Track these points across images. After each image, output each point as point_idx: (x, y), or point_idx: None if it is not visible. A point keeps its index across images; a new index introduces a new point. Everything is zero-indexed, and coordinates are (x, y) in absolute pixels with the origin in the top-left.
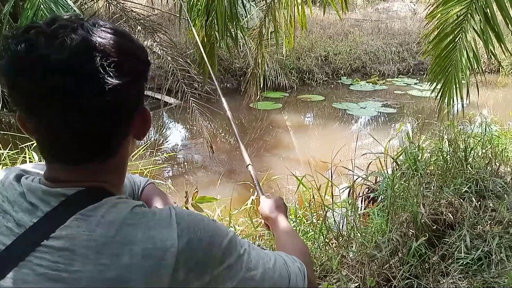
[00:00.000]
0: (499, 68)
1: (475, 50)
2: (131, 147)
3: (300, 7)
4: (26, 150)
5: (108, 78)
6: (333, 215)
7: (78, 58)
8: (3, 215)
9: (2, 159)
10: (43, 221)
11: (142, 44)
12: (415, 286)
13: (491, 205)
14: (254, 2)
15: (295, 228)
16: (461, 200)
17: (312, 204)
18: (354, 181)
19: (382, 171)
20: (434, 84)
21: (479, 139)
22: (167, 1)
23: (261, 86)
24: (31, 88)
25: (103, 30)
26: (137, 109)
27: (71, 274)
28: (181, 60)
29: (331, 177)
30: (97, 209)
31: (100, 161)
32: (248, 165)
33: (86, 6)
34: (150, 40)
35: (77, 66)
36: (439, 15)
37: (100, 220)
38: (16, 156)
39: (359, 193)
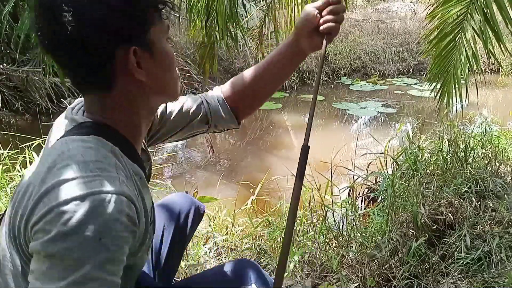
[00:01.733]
0: (499, 68)
1: (474, 49)
2: (139, 90)
3: (300, 7)
4: (26, 150)
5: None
6: (333, 215)
7: None
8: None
9: (2, 159)
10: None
11: None
12: (415, 286)
13: (491, 205)
14: (254, 2)
15: (295, 228)
16: (461, 200)
17: (312, 204)
18: (354, 181)
19: (382, 171)
20: (434, 83)
21: (479, 139)
22: None
23: None
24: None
25: None
26: (118, 48)
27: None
28: (181, 60)
29: (331, 177)
30: (73, 140)
31: (99, 95)
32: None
33: None
34: None
35: None
36: (439, 15)
37: (62, 142)
38: (16, 156)
39: (359, 193)
